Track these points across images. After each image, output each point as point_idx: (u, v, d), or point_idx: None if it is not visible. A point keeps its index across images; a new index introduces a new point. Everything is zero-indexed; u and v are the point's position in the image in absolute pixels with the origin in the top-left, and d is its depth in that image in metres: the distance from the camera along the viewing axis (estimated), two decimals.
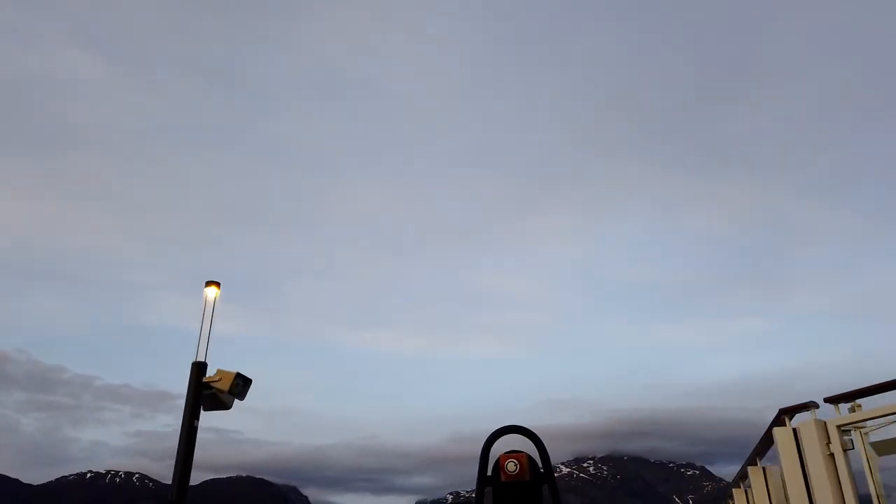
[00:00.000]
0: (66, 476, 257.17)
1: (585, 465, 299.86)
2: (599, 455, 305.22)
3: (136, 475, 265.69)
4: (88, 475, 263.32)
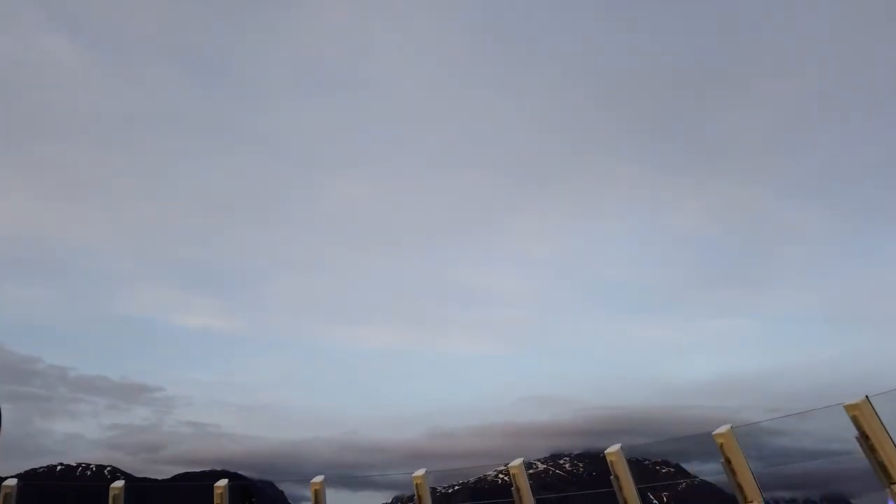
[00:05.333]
0: (35, 468, 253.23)
1: (562, 461, 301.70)
2: (576, 452, 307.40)
3: (108, 468, 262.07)
4: (59, 468, 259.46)
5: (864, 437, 11.78)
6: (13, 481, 16.40)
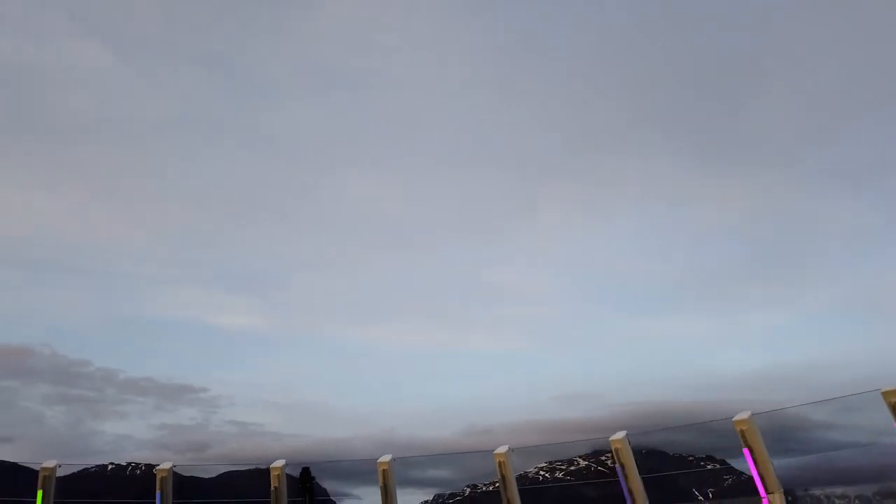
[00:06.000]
0: (87, 468, 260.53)
1: (603, 458, 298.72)
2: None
3: (157, 467, 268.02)
4: (110, 467, 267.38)
5: None
6: (52, 462, 16.76)
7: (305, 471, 17.37)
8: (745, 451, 13.55)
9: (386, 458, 17.44)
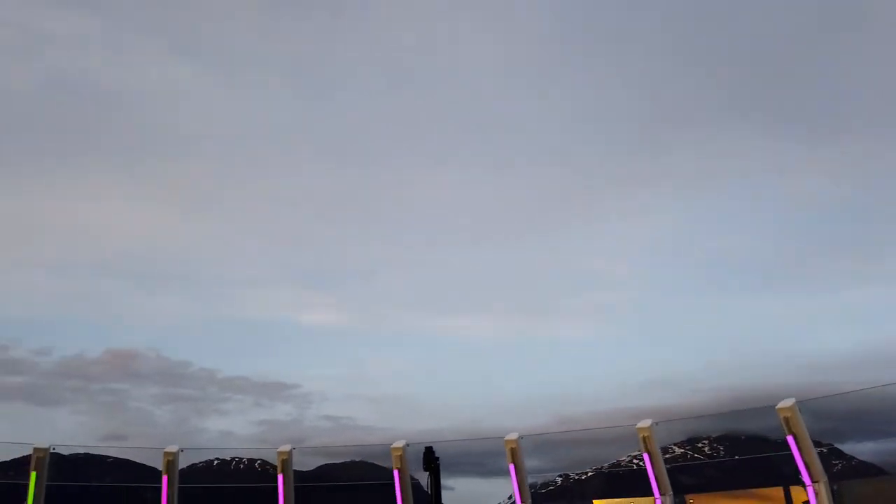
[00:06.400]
0: (195, 463, 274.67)
1: (700, 445, 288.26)
2: (715, 435, 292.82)
3: (258, 461, 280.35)
4: (216, 462, 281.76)
5: None
6: (174, 447, 17.64)
7: (429, 451, 16.65)
8: None
9: (513, 435, 17.04)
